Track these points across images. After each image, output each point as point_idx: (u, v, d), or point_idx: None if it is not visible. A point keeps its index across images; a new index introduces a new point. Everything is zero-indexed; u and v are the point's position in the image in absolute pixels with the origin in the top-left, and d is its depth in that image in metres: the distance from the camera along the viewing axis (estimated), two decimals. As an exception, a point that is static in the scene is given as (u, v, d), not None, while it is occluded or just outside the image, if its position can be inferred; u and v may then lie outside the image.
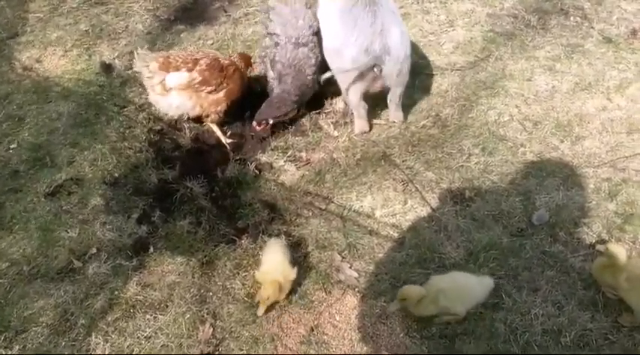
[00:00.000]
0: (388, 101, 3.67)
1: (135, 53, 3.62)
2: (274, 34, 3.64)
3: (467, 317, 2.64)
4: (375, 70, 3.31)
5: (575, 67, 4.14)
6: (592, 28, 4.53)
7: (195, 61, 3.58)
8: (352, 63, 3.32)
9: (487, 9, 4.85)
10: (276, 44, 3.64)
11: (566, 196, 3.19)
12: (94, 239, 3.13)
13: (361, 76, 3.39)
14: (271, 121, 3.64)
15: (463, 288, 2.62)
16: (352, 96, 3.55)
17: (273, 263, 2.79)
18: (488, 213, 3.13)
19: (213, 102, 3.63)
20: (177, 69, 3.54)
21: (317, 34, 3.61)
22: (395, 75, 3.41)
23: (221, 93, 3.63)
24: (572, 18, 4.66)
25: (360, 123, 3.70)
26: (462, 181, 3.34)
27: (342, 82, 3.54)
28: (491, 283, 2.68)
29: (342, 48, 3.36)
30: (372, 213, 3.21)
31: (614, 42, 4.35)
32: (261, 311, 2.73)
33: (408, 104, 3.88)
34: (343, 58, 3.36)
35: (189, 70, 3.54)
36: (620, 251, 2.57)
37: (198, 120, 3.79)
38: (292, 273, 2.74)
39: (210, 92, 3.60)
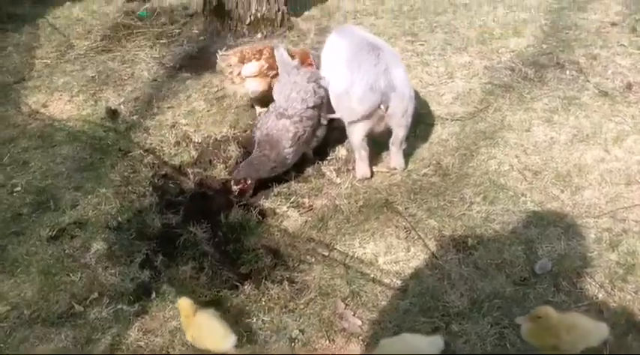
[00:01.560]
0: (390, 145, 3.73)
1: (217, 55, 4.30)
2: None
3: (472, 367, 2.63)
4: (382, 107, 3.39)
5: (573, 119, 4.23)
6: (587, 81, 4.65)
7: (260, 51, 4.25)
8: (359, 102, 3.42)
9: (485, 61, 4.99)
10: (267, 108, 3.74)
11: (568, 246, 3.21)
12: (96, 283, 3.11)
13: (368, 116, 3.46)
14: (249, 181, 3.62)
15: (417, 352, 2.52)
16: (355, 137, 3.62)
17: (207, 329, 2.69)
18: (491, 262, 3.14)
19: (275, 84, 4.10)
20: (250, 60, 4.22)
21: (314, 108, 3.66)
22: (400, 114, 3.49)
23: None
24: (567, 72, 4.79)
25: (361, 167, 3.74)
26: (464, 229, 3.36)
27: (349, 123, 3.61)
28: (441, 344, 2.58)
29: (348, 88, 3.47)
30: (374, 260, 3.21)
31: (609, 95, 4.46)
32: None
33: (409, 152, 3.93)
34: (350, 98, 3.46)
35: (257, 60, 4.21)
36: (549, 310, 2.51)
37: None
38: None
39: (273, 76, 4.18)
